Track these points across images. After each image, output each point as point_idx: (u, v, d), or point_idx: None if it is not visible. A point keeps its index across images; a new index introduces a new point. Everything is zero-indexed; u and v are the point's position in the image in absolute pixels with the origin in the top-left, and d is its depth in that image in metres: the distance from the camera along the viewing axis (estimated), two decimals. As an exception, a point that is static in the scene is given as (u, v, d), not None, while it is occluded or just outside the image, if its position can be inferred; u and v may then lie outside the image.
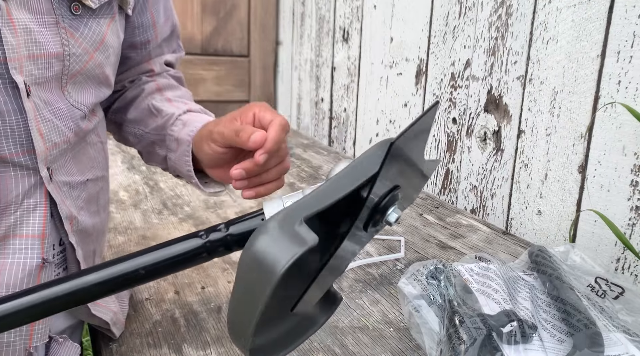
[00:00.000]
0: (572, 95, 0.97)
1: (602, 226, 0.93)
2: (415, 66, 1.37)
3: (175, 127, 0.74)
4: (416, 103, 1.38)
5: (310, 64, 1.91)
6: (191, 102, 0.82)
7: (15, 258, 0.57)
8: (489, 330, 0.65)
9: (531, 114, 1.06)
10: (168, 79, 0.86)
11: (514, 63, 1.08)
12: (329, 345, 0.71)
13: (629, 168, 0.89)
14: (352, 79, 1.66)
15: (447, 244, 1.02)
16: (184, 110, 0.77)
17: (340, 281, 0.88)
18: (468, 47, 1.19)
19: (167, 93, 0.82)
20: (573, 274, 0.79)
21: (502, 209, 1.15)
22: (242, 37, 2.11)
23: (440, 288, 0.75)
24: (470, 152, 1.22)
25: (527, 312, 0.73)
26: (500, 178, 1.14)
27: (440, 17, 1.27)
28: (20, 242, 0.58)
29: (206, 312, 0.79)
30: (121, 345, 0.74)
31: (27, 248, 0.58)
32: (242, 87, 2.15)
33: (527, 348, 0.66)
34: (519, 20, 1.06)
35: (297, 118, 2.07)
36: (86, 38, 0.61)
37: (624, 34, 0.87)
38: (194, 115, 0.76)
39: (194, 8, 2.00)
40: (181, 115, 0.76)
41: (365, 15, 1.56)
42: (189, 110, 0.77)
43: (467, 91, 1.21)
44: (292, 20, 2.04)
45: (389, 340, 0.73)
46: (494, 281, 0.78)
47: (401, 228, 1.09)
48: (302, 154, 1.62)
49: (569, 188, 0.99)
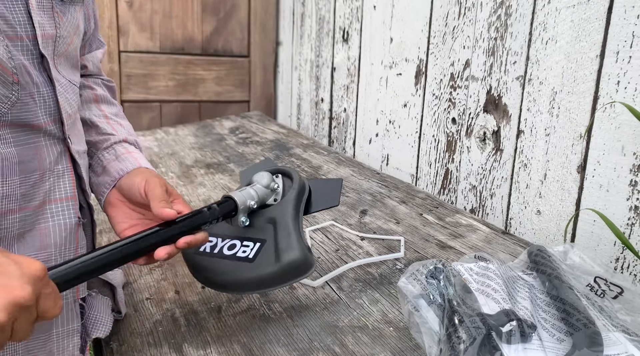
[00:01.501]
0: (571, 95, 0.98)
1: (601, 225, 0.93)
2: (414, 66, 1.38)
3: (108, 155, 0.78)
4: (416, 103, 1.38)
5: (310, 64, 1.92)
6: (125, 122, 0.86)
7: (56, 220, 0.64)
8: (488, 330, 0.65)
9: (530, 114, 1.06)
10: (103, 89, 0.88)
11: (514, 63, 1.09)
12: (329, 344, 0.72)
13: (628, 168, 0.89)
14: (352, 80, 1.66)
15: (446, 243, 1.02)
16: (120, 139, 0.80)
17: (340, 281, 0.88)
18: (467, 47, 1.20)
19: (104, 107, 0.85)
20: (572, 274, 0.79)
21: (501, 209, 1.15)
22: (242, 38, 2.11)
23: (440, 287, 0.75)
24: (469, 152, 1.22)
25: (526, 312, 0.73)
26: (499, 178, 1.15)
27: (439, 17, 1.27)
28: (57, 205, 0.64)
29: (206, 312, 0.79)
30: (122, 344, 0.74)
31: (64, 210, 0.65)
32: (242, 88, 2.15)
33: (527, 348, 0.66)
34: (518, 21, 1.07)
35: (297, 118, 2.07)
36: (69, 23, 0.66)
37: (623, 34, 0.88)
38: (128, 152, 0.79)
39: (194, 8, 2.00)
40: (115, 144, 0.79)
41: (365, 16, 1.56)
42: (124, 140, 0.81)
43: (467, 91, 1.21)
44: (292, 20, 2.04)
45: (388, 340, 0.73)
46: (493, 280, 0.78)
47: (401, 228, 1.09)
48: (302, 154, 1.62)
49: (568, 188, 1.00)
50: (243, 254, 0.73)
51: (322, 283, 0.87)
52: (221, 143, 1.72)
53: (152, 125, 2.02)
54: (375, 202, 1.24)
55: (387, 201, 1.24)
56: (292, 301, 0.82)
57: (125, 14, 1.90)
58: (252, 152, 1.63)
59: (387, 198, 1.26)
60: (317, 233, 1.07)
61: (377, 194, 1.29)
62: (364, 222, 1.12)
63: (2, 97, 0.56)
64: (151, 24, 1.95)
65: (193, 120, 2.08)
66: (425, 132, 1.36)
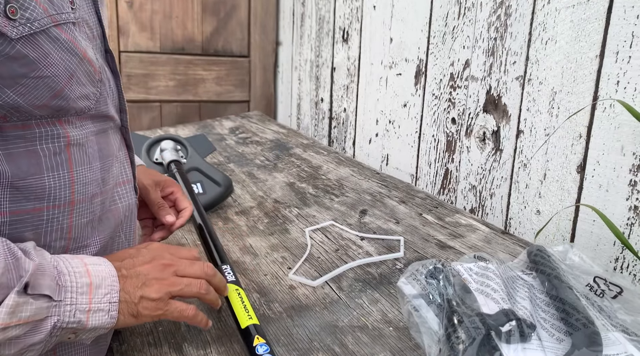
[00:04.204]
0: (570, 95, 0.98)
1: (600, 225, 0.93)
2: (414, 66, 1.38)
3: None
4: (415, 103, 1.38)
5: (310, 64, 1.92)
6: None
7: (123, 202, 0.69)
8: (487, 330, 0.65)
9: (530, 114, 1.06)
10: None
11: (513, 63, 1.09)
12: (329, 344, 0.72)
13: (627, 168, 0.89)
14: (352, 80, 1.66)
15: (446, 243, 1.02)
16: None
17: (340, 281, 0.88)
18: (467, 47, 1.20)
19: None
20: (572, 274, 0.79)
21: (501, 208, 1.15)
22: (243, 38, 2.11)
23: (439, 287, 0.76)
24: (469, 152, 1.22)
25: (525, 311, 0.73)
26: (499, 178, 1.15)
27: (439, 17, 1.27)
28: (122, 188, 0.70)
29: (206, 311, 0.79)
30: (122, 343, 0.74)
31: (127, 192, 0.70)
32: (243, 88, 2.15)
33: (526, 348, 0.66)
34: (518, 21, 1.07)
35: (297, 118, 2.07)
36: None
37: (622, 34, 0.88)
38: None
39: (194, 8, 2.00)
40: None
41: (365, 16, 1.56)
42: None
43: (467, 91, 1.21)
44: (292, 20, 2.04)
45: (388, 339, 0.73)
46: (492, 280, 0.78)
47: (400, 228, 1.09)
48: (302, 154, 1.62)
49: (567, 188, 1.00)
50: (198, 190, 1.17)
51: (322, 283, 0.87)
52: (221, 143, 1.72)
53: (153, 125, 2.02)
54: (375, 202, 1.24)
55: (387, 201, 1.24)
56: (292, 301, 0.82)
57: (125, 14, 1.90)
58: (252, 152, 1.64)
59: (386, 198, 1.26)
60: (317, 233, 1.07)
61: (377, 194, 1.29)
62: (364, 222, 1.12)
63: (91, 94, 0.61)
64: (151, 24, 1.95)
65: (193, 120, 2.08)
66: (425, 132, 1.36)
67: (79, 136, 0.61)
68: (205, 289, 0.65)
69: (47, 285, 0.53)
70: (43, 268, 0.53)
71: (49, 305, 0.53)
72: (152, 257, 0.64)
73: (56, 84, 0.55)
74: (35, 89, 0.54)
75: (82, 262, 0.58)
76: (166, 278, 0.63)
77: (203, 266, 0.67)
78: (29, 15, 0.52)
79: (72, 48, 0.57)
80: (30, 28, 0.52)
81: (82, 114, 0.61)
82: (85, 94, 0.60)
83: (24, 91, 0.53)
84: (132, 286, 0.60)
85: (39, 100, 0.55)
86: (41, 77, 0.54)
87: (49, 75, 0.54)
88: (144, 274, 0.62)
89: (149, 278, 0.62)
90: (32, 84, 0.53)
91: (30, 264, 0.52)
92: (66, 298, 0.54)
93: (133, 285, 0.60)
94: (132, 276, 0.61)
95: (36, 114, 0.55)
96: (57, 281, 0.54)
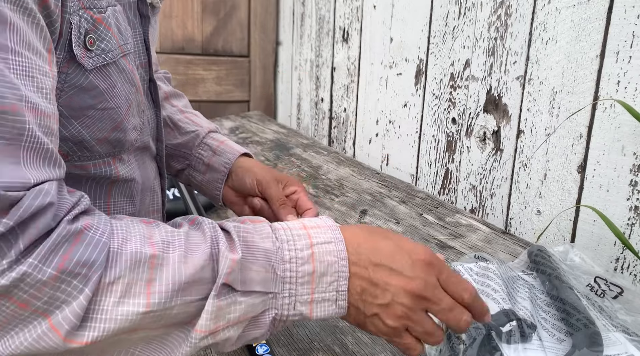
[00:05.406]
0: (571, 95, 0.98)
1: (601, 225, 0.93)
2: (414, 66, 1.37)
3: (204, 152, 0.82)
4: (416, 103, 1.38)
5: (310, 64, 1.92)
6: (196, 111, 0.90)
7: None
8: (488, 330, 0.65)
9: (530, 114, 1.06)
10: (166, 83, 0.91)
11: (514, 63, 1.09)
12: (329, 344, 0.71)
13: (628, 168, 0.89)
14: (352, 79, 1.66)
15: (446, 243, 1.02)
16: (205, 131, 0.84)
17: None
18: (467, 47, 1.20)
19: (175, 102, 0.89)
20: (572, 274, 0.79)
21: (501, 209, 1.15)
22: (242, 38, 2.11)
23: (440, 287, 0.75)
24: (469, 152, 1.22)
25: (526, 312, 0.73)
26: (499, 178, 1.15)
27: (439, 17, 1.27)
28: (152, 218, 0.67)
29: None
30: (121, 344, 0.74)
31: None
32: (243, 88, 2.15)
33: (527, 348, 0.66)
34: (518, 21, 1.07)
35: (297, 118, 2.07)
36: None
37: (623, 34, 0.88)
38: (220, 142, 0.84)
39: (194, 8, 2.00)
40: (205, 137, 0.84)
41: (365, 16, 1.56)
42: (209, 131, 0.85)
43: (467, 91, 1.21)
44: (292, 20, 2.04)
45: (388, 340, 0.73)
46: (493, 280, 0.78)
47: (401, 228, 1.09)
48: (302, 154, 1.62)
49: (568, 188, 1.00)
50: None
51: (322, 283, 0.87)
52: (221, 143, 1.72)
53: (152, 125, 2.02)
54: (375, 202, 1.24)
55: (387, 201, 1.24)
56: (292, 301, 0.82)
57: (125, 14, 1.90)
58: (252, 152, 1.63)
59: (387, 198, 1.26)
60: (317, 233, 1.07)
61: (377, 194, 1.29)
62: (364, 222, 1.12)
63: (138, 125, 0.60)
64: (151, 23, 1.94)
65: (193, 120, 2.08)
66: (425, 132, 1.36)
67: (127, 174, 0.59)
68: (433, 343, 0.52)
69: (258, 280, 0.47)
70: (253, 257, 0.47)
71: (264, 299, 0.48)
72: (415, 275, 0.49)
73: (118, 116, 0.54)
74: (100, 121, 0.52)
75: (309, 241, 0.50)
76: (414, 311, 0.49)
77: (463, 317, 0.51)
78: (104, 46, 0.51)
79: (132, 78, 0.56)
80: (104, 59, 0.51)
81: (130, 148, 0.59)
82: (135, 125, 0.59)
83: (89, 122, 0.51)
84: (371, 296, 0.50)
85: (101, 132, 0.53)
86: (106, 109, 0.52)
87: (113, 106, 0.53)
88: (392, 294, 0.49)
89: (395, 301, 0.49)
90: (98, 115, 0.52)
91: (228, 260, 0.46)
92: (284, 289, 0.48)
93: (372, 294, 0.50)
94: (376, 283, 0.49)
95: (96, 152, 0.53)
96: (273, 269, 0.48)
